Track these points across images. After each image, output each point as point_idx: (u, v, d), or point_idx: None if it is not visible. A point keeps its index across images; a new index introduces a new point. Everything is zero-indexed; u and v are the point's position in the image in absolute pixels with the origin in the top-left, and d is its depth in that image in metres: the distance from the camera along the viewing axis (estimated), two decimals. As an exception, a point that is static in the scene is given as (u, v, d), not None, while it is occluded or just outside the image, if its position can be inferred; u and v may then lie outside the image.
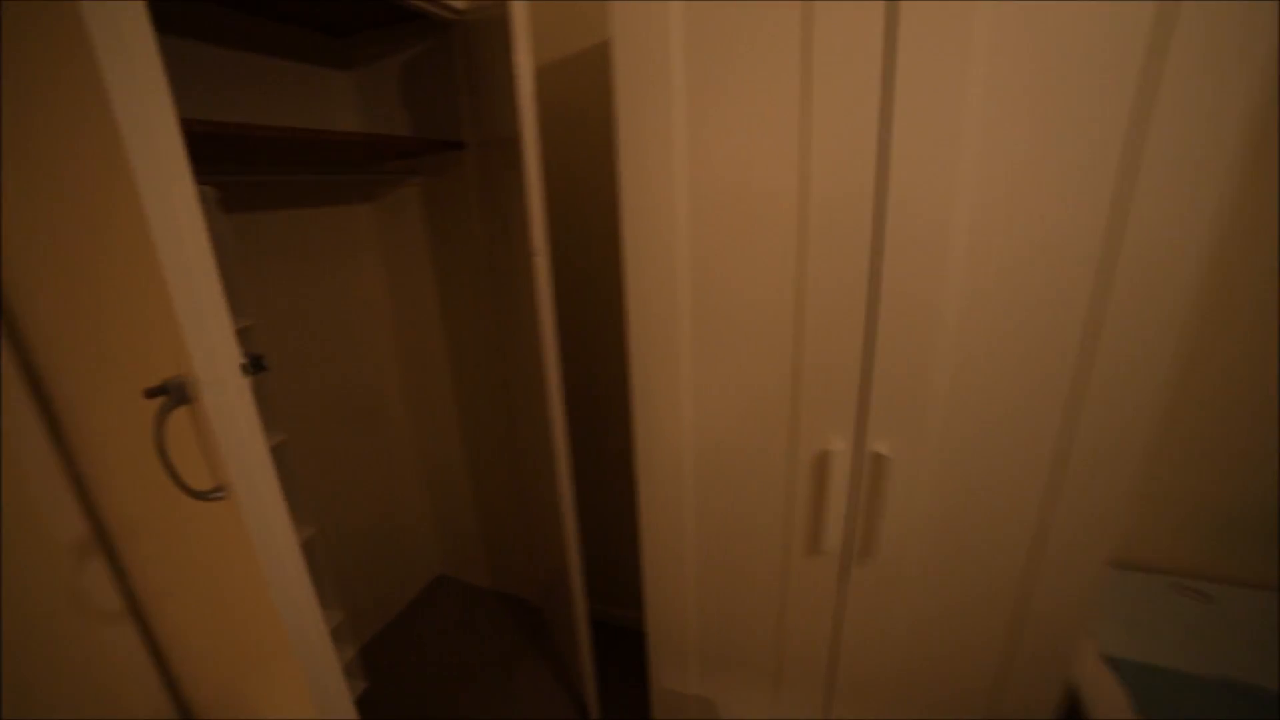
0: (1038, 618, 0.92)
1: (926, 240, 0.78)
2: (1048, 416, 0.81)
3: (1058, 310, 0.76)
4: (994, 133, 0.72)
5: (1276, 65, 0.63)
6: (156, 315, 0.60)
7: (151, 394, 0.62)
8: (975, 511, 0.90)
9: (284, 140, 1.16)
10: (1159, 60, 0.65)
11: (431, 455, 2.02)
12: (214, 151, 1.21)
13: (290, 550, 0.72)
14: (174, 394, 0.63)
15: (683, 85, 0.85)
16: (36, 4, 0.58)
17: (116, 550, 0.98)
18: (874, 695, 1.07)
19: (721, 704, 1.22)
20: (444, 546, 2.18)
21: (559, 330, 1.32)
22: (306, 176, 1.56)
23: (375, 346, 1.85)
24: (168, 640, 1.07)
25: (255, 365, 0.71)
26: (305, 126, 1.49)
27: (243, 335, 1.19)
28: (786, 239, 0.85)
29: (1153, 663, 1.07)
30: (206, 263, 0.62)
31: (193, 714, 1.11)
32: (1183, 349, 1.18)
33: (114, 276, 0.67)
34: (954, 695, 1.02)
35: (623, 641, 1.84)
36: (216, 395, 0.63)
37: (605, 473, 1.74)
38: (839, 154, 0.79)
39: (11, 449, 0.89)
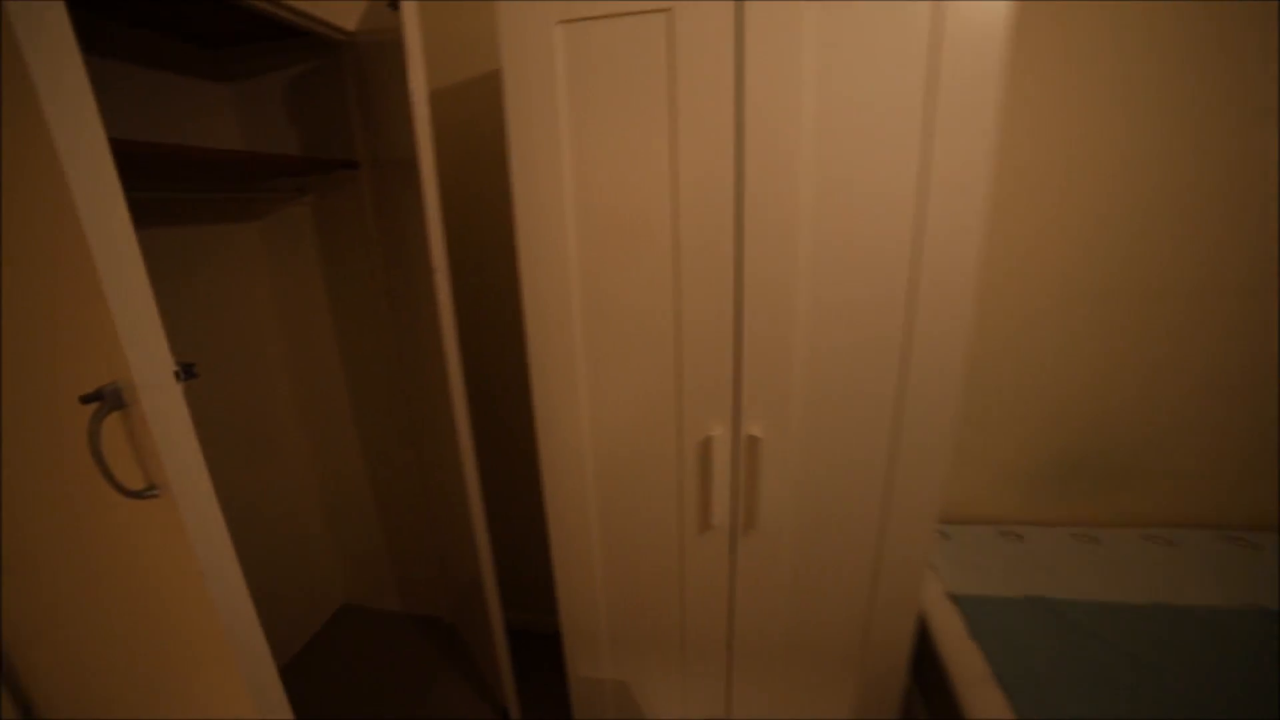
0: (891, 565, 1.11)
1: (778, 254, 0.93)
2: (882, 399, 0.99)
3: (883, 314, 0.94)
4: (823, 166, 0.89)
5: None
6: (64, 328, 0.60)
7: (87, 400, 0.65)
8: (835, 480, 1.06)
9: (148, 156, 1.12)
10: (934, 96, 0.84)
11: (330, 479, 1.95)
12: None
13: (225, 546, 0.75)
14: (109, 399, 0.65)
15: (568, 115, 0.95)
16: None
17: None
18: (768, 649, 1.21)
19: (634, 684, 1.31)
20: (348, 574, 2.10)
21: (461, 343, 1.36)
22: (180, 194, 1.48)
23: (264, 368, 1.76)
24: (42, 683, 0.99)
25: (187, 372, 0.73)
26: (172, 142, 1.42)
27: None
28: (663, 252, 0.97)
29: (983, 593, 1.30)
30: (140, 272, 0.66)
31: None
32: (974, 352, 1.46)
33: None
34: (833, 635, 1.18)
35: (541, 646, 1.87)
36: (154, 399, 0.66)
37: (514, 482, 1.78)
38: (703, 179, 0.92)
39: None
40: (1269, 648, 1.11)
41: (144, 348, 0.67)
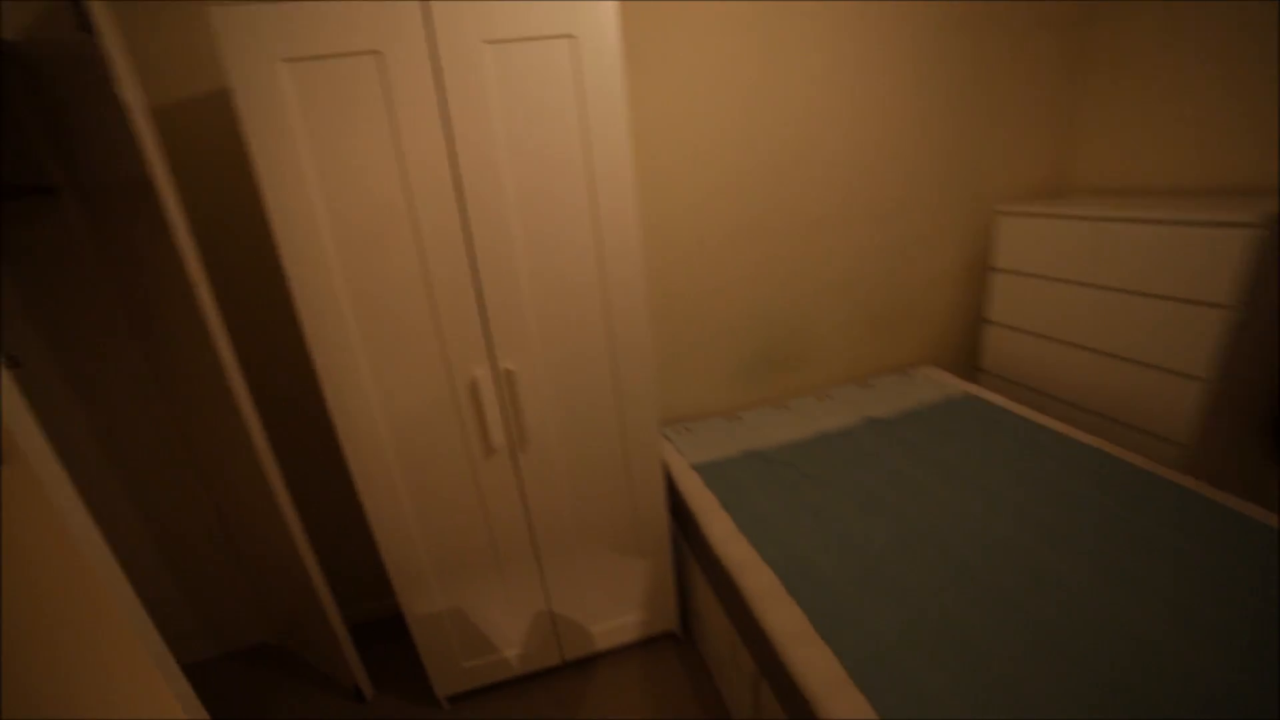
0: (635, 448, 1.51)
1: (499, 235, 1.23)
2: (597, 336, 1.36)
3: (584, 269, 1.30)
4: (517, 164, 1.20)
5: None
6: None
7: None
8: (579, 396, 1.41)
9: None
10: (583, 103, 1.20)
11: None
12: None
13: (81, 506, 0.82)
14: None
15: (305, 134, 1.08)
16: None
17: None
18: (565, 538, 1.54)
19: (467, 606, 1.54)
20: (142, 636, 1.91)
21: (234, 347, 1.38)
22: None
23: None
24: None
25: (13, 361, 0.81)
26: None
27: None
28: (408, 241, 1.20)
29: (713, 459, 1.79)
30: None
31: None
32: (675, 292, 1.95)
33: None
34: (610, 510, 1.56)
35: (381, 628, 1.96)
36: None
37: (320, 476, 1.82)
38: (429, 184, 1.17)
39: None
40: (868, 440, 1.79)
41: None
